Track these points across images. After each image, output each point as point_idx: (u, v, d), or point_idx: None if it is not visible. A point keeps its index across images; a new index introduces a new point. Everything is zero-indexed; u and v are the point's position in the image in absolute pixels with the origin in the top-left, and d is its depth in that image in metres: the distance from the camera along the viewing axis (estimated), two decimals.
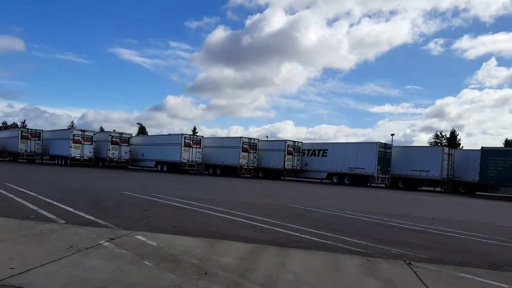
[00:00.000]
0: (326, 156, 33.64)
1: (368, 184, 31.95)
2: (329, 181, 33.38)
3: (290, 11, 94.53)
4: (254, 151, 35.52)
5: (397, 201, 17.93)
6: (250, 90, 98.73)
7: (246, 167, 34.89)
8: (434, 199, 21.10)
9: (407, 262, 4.98)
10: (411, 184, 30.91)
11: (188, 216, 7.84)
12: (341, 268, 4.45)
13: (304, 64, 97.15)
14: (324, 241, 6.19)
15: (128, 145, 38.54)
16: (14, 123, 75.98)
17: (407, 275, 4.40)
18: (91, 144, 36.90)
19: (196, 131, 72.44)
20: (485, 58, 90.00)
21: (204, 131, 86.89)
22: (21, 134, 39.63)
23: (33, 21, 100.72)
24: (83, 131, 37.53)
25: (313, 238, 6.36)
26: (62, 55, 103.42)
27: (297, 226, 7.36)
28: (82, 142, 36.52)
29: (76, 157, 35.91)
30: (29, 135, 40.54)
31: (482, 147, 27.85)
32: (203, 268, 3.98)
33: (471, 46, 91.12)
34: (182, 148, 33.84)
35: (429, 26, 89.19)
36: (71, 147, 35.72)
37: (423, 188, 31.66)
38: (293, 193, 18.05)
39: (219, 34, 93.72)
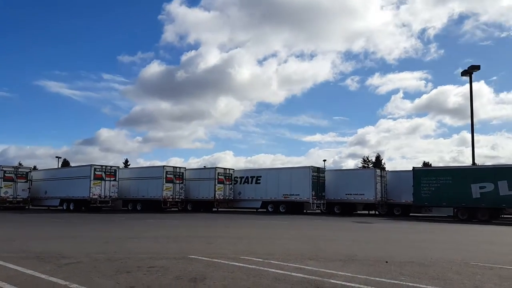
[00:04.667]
0: (259, 183, 30.85)
1: (305, 211, 29.64)
2: (264, 209, 30.47)
3: (223, 49, 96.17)
4: (181, 181, 31.47)
5: (333, 232, 15.33)
6: (188, 123, 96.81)
7: (171, 199, 30.60)
8: (375, 225, 19.08)
9: None
10: (347, 208, 29.31)
11: None
12: None
13: (239, 98, 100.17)
14: None
15: (26, 181, 32.11)
16: None
17: None
18: None
19: (128, 163, 65.67)
20: (393, 92, 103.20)
21: (142, 164, 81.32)
22: None
23: None
24: None
25: None
26: None
27: None
28: None
29: None
30: None
31: (413, 167, 27.07)
32: None
33: (382, 82, 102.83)
34: (92, 182, 28.55)
35: (346, 66, 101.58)
36: None
37: (359, 212, 30.20)
38: (211, 232, 14.51)
39: (154, 68, 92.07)
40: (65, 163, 60.11)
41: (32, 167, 45.61)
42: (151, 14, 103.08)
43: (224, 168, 32.42)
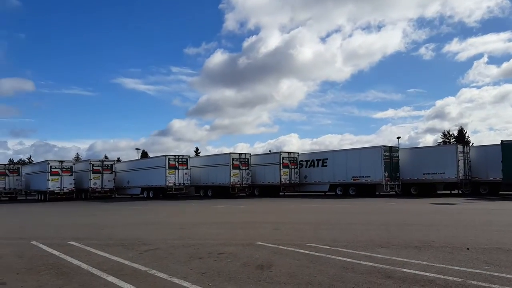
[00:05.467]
0: (326, 166, 30.21)
1: (377, 193, 28.38)
2: (333, 193, 29.88)
3: (284, 30, 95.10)
4: (247, 167, 32.23)
5: (408, 215, 14.39)
6: (251, 108, 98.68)
7: (239, 185, 31.57)
8: (457, 207, 17.49)
9: None
10: (425, 189, 27.19)
11: None
12: None
13: (302, 79, 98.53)
14: None
15: (111, 173, 35.56)
16: (20, 159, 74.33)
17: None
18: (71, 175, 34.19)
19: (199, 151, 69.33)
20: (476, 58, 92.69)
21: (211, 151, 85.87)
22: None
23: (40, 61, 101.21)
24: (61, 161, 34.74)
25: None
26: (68, 89, 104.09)
27: None
28: (61, 173, 33.83)
29: (55, 191, 33.19)
30: (7, 171, 37.92)
31: (502, 141, 24.24)
32: None
33: (461, 48, 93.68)
34: (167, 171, 30.70)
35: (419, 34, 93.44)
36: (49, 180, 33.16)
37: (439, 192, 27.95)
38: (277, 217, 14.58)
39: (218, 58, 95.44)
40: (144, 154, 65.26)
41: (116, 159, 50.57)
42: (212, 4, 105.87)
43: (288, 152, 32.34)
